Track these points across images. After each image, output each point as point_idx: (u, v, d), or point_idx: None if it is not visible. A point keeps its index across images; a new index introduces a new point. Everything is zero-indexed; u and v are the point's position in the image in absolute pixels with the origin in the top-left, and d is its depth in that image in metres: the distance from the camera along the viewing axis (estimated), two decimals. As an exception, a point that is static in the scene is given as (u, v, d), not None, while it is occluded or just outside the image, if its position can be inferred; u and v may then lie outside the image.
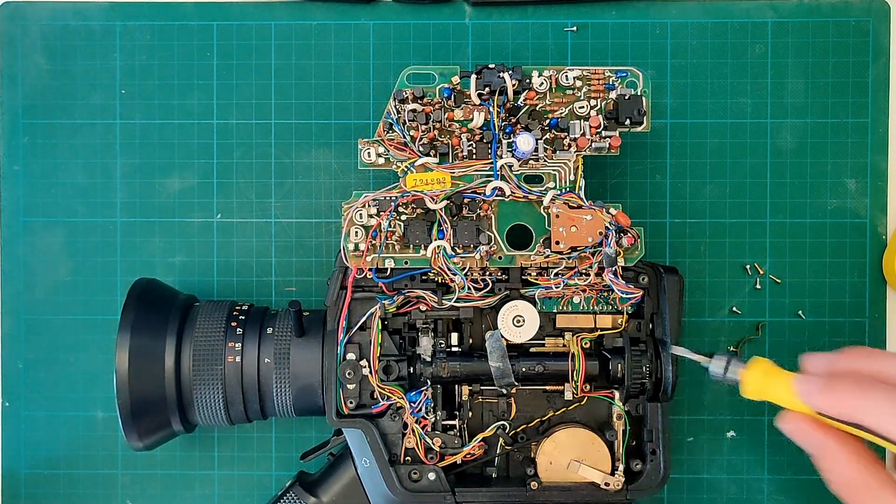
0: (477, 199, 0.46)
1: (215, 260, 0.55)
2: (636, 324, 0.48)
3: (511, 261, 0.47)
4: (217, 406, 0.47)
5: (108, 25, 0.55)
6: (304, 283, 0.55)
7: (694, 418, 0.54)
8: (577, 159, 0.47)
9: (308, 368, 0.47)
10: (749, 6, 0.55)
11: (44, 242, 0.55)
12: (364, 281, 0.47)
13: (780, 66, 0.55)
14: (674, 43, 0.55)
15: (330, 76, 0.55)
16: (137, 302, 0.47)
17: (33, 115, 0.55)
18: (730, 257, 0.55)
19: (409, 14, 0.55)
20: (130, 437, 0.46)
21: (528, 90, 0.46)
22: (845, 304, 0.54)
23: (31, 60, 0.55)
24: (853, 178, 0.54)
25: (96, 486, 0.55)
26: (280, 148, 0.55)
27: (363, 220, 0.46)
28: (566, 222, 0.46)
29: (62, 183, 0.55)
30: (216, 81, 0.55)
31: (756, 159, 0.55)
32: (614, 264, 0.45)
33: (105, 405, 0.55)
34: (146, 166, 0.55)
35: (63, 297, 0.55)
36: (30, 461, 0.55)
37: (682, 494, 0.54)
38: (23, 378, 0.55)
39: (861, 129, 0.54)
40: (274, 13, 0.55)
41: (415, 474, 0.47)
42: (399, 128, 0.46)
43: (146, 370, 0.46)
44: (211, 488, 0.55)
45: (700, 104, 0.55)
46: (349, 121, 0.55)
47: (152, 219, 0.55)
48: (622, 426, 0.47)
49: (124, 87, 0.55)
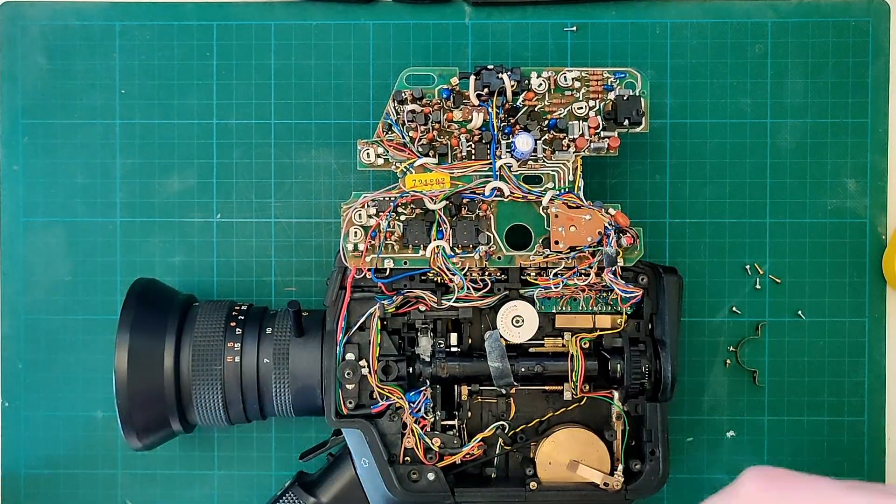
0: (476, 199, 0.46)
1: (215, 260, 0.55)
2: (635, 324, 0.48)
3: (510, 261, 0.47)
4: (216, 406, 0.47)
5: (107, 25, 0.55)
6: (304, 284, 0.55)
7: (693, 418, 0.54)
8: (576, 160, 0.47)
9: (307, 369, 0.47)
10: (749, 6, 0.55)
11: (44, 242, 0.55)
12: (363, 281, 0.47)
13: (780, 66, 0.55)
14: (673, 43, 0.55)
15: (330, 76, 0.55)
16: (137, 302, 0.47)
17: (33, 114, 0.55)
18: (730, 257, 0.55)
19: (408, 14, 0.55)
20: (129, 436, 0.46)
21: (526, 91, 0.46)
22: (845, 304, 0.54)
23: (30, 60, 0.55)
24: (853, 178, 0.54)
25: (96, 486, 0.55)
26: (280, 148, 0.55)
27: (362, 220, 0.46)
28: (565, 222, 0.46)
29: (62, 183, 0.55)
30: (216, 81, 0.55)
31: (756, 159, 0.55)
32: (614, 264, 0.45)
33: (105, 405, 0.55)
34: (146, 166, 0.55)
35: (63, 297, 0.55)
36: (30, 461, 0.55)
37: (682, 494, 0.54)
38: (23, 378, 0.55)
39: (861, 129, 0.54)
40: (274, 13, 0.55)
41: (414, 474, 0.47)
42: (398, 128, 0.46)
43: (145, 370, 0.46)
44: (211, 488, 0.55)
45: (700, 104, 0.55)
46: (349, 121, 0.55)
47: (152, 219, 0.55)
48: (621, 426, 0.47)
49: (124, 86, 0.55)
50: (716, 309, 0.55)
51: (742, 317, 0.54)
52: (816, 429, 0.54)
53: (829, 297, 0.54)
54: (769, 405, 0.54)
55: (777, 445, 0.54)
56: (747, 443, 0.54)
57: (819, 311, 0.54)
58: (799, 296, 0.54)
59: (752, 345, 0.54)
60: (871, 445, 0.54)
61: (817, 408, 0.54)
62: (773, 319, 0.54)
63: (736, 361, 0.54)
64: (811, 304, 0.54)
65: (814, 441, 0.54)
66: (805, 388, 0.54)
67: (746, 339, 0.54)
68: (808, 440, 0.54)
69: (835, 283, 0.54)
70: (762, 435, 0.54)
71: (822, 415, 0.54)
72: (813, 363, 0.54)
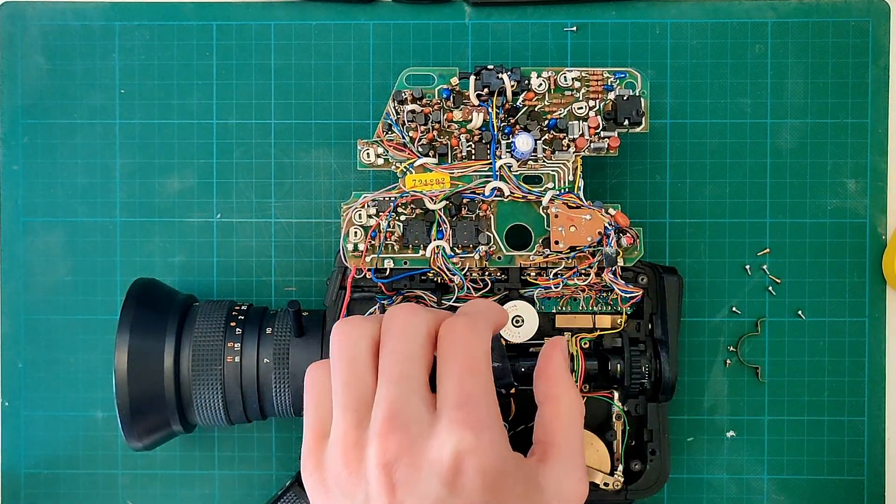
0: (476, 199, 0.46)
1: (215, 260, 0.55)
2: (635, 324, 0.48)
3: (510, 261, 0.47)
4: (216, 406, 0.47)
5: (107, 25, 0.55)
6: (304, 283, 0.55)
7: (694, 418, 0.54)
8: (576, 160, 0.47)
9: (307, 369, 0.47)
10: (749, 6, 0.55)
11: (43, 242, 0.55)
12: (363, 281, 0.47)
13: (780, 66, 0.55)
14: (673, 43, 0.55)
15: (330, 76, 0.55)
16: (136, 302, 0.47)
17: (33, 115, 0.55)
18: (730, 257, 0.55)
19: (408, 14, 0.55)
20: (129, 437, 0.46)
21: (526, 91, 0.46)
22: (845, 304, 0.54)
23: (30, 60, 0.55)
24: (853, 178, 0.54)
25: (96, 486, 0.55)
26: (280, 148, 0.55)
27: (362, 220, 0.46)
28: (565, 222, 0.46)
29: (62, 183, 0.55)
30: (216, 81, 0.55)
31: (756, 159, 0.55)
32: (614, 264, 0.46)
33: (105, 405, 0.55)
34: (146, 166, 0.55)
35: (63, 296, 0.55)
36: (29, 461, 0.55)
37: (682, 494, 0.54)
38: (23, 378, 0.55)
39: (861, 130, 0.54)
40: (274, 13, 0.55)
41: (414, 474, 0.47)
42: (398, 128, 0.46)
43: (145, 370, 0.46)
44: (211, 488, 0.55)
45: (700, 104, 0.55)
46: (349, 121, 0.55)
47: (152, 219, 0.55)
48: (621, 426, 0.47)
49: (123, 86, 0.55)
50: (716, 309, 0.55)
51: (742, 317, 0.54)
52: (816, 429, 0.54)
53: (829, 297, 0.54)
54: (769, 405, 0.54)
55: (777, 445, 0.54)
56: (747, 443, 0.54)
57: (819, 311, 0.54)
58: (799, 296, 0.54)
59: (752, 345, 0.54)
60: (871, 445, 0.54)
61: (817, 408, 0.54)
62: (773, 319, 0.54)
63: (737, 359, 0.54)
64: (811, 304, 0.54)
65: (814, 441, 0.54)
66: (805, 387, 0.54)
67: (746, 337, 0.54)
68: (808, 440, 0.54)
69: (835, 283, 0.54)
70: (762, 435, 0.54)
71: (822, 415, 0.54)
72: (813, 363, 0.54)
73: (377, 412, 0.36)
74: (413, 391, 0.36)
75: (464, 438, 0.35)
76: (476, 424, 0.35)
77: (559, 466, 0.38)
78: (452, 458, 0.34)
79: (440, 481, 0.34)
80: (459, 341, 0.37)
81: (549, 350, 0.41)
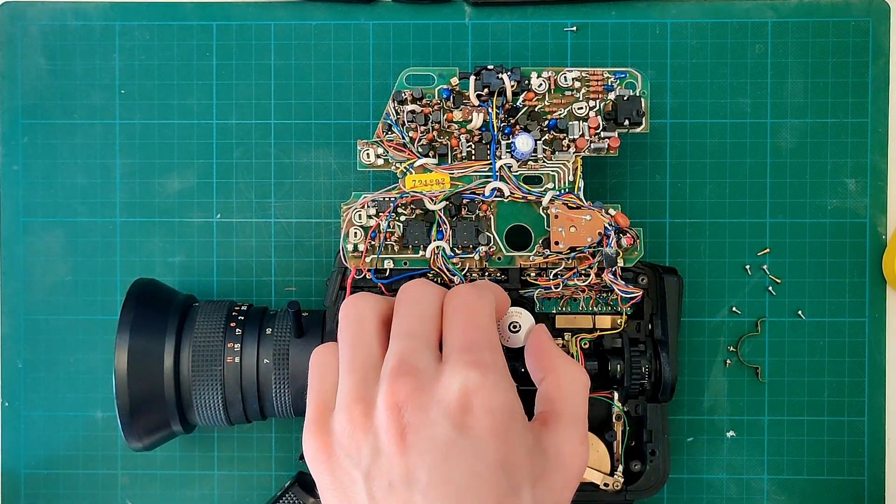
0: (476, 199, 0.46)
1: (215, 260, 0.55)
2: (635, 324, 0.48)
3: (510, 261, 0.47)
4: (216, 407, 0.47)
5: (107, 25, 0.55)
6: (304, 284, 0.55)
7: (694, 418, 0.54)
8: (576, 160, 0.47)
9: (307, 369, 0.47)
10: (749, 6, 0.55)
11: (43, 242, 0.55)
12: (363, 282, 0.47)
13: (780, 66, 0.55)
14: (673, 43, 0.55)
15: (329, 76, 0.55)
16: (136, 302, 0.47)
17: (33, 115, 0.55)
18: (730, 257, 0.55)
19: (408, 14, 0.55)
20: (129, 437, 0.46)
21: (526, 91, 0.46)
22: (845, 304, 0.54)
23: (30, 60, 0.55)
24: (853, 178, 0.54)
25: (96, 486, 0.55)
26: (279, 148, 0.55)
27: (362, 220, 0.46)
28: (565, 223, 0.46)
29: (62, 183, 0.55)
30: (215, 81, 0.55)
31: (756, 159, 0.55)
32: (614, 264, 0.45)
33: (105, 405, 0.55)
34: (146, 166, 0.55)
35: (62, 297, 0.55)
36: (29, 461, 0.55)
37: (682, 494, 0.54)
38: (22, 378, 0.55)
39: (861, 129, 0.54)
40: (274, 13, 0.55)
41: (414, 475, 0.47)
42: (398, 129, 0.46)
43: (145, 370, 0.46)
44: (211, 488, 0.55)
45: (700, 104, 0.55)
46: (349, 121, 0.55)
47: (152, 219, 0.55)
48: (621, 426, 0.47)
49: (124, 87, 0.55)
50: (716, 309, 0.55)
51: (742, 317, 0.54)
52: (816, 429, 0.54)
53: (829, 297, 0.54)
54: (769, 405, 0.54)
55: (777, 445, 0.54)
56: (747, 443, 0.54)
57: (819, 311, 0.54)
58: (799, 296, 0.54)
59: (752, 345, 0.54)
60: (871, 445, 0.54)
61: (817, 408, 0.54)
62: (773, 319, 0.54)
63: (737, 359, 0.54)
64: (811, 304, 0.54)
65: (814, 441, 0.54)
66: (805, 388, 0.54)
67: (746, 336, 0.54)
68: (808, 440, 0.54)
69: (835, 283, 0.54)
70: (762, 435, 0.54)
71: (822, 415, 0.54)
72: (813, 363, 0.54)
73: (387, 364, 0.36)
74: (423, 345, 0.37)
75: (469, 376, 0.35)
76: (481, 364, 0.36)
77: (560, 430, 0.38)
78: (460, 395, 0.35)
79: (450, 422, 0.34)
80: (465, 302, 0.39)
81: (532, 335, 0.42)
